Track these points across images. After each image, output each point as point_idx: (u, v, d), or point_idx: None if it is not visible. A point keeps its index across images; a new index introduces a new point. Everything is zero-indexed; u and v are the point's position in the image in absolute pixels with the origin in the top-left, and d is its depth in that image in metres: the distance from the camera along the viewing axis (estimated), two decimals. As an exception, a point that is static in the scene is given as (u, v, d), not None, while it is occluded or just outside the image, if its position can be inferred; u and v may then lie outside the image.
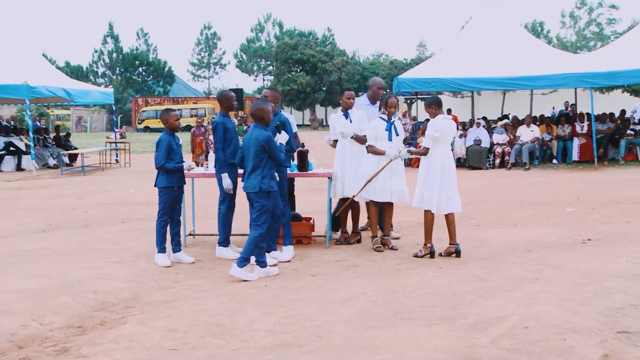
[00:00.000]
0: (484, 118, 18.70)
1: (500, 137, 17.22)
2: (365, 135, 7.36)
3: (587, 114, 17.34)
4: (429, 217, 6.82)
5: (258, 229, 6.08)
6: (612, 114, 18.02)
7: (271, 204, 6.18)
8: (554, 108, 27.97)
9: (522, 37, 18.85)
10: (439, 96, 7.25)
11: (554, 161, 17.24)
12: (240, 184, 6.99)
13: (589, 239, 7.66)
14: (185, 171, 6.86)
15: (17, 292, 5.64)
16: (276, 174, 6.37)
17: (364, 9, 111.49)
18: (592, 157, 16.33)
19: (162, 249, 6.72)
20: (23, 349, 4.36)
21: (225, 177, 6.83)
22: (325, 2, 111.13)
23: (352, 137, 7.40)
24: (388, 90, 7.74)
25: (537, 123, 18.17)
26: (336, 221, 7.79)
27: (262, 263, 6.20)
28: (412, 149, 7.23)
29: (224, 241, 7.04)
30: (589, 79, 15.68)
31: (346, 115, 7.52)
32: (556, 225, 8.63)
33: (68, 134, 21.43)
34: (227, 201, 6.97)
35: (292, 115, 7.62)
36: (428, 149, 6.75)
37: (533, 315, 4.78)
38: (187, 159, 6.94)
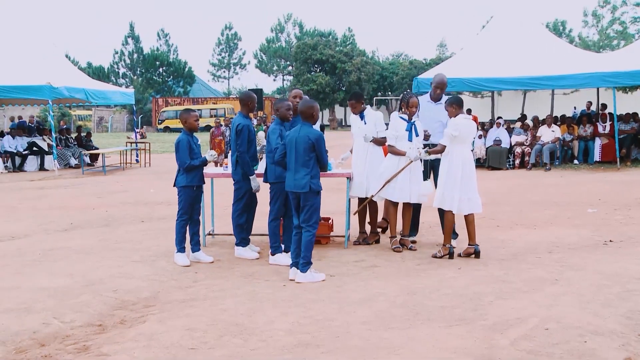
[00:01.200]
0: (500, 118, 18.54)
1: (519, 138, 17.10)
2: (383, 137, 7.35)
3: (610, 113, 17.13)
4: (449, 217, 6.78)
5: (310, 229, 6.00)
6: (635, 114, 17.78)
7: (320, 203, 6.12)
8: (575, 108, 27.66)
9: (544, 36, 18.70)
10: (460, 96, 7.20)
11: (575, 162, 17.07)
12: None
13: (611, 241, 7.58)
14: (210, 161, 6.88)
15: (39, 290, 5.71)
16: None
17: (384, 8, 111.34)
18: (615, 157, 16.13)
19: (181, 249, 6.76)
20: (44, 347, 4.41)
21: (253, 179, 6.85)
22: (346, 3, 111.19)
23: (370, 141, 7.40)
24: (408, 90, 7.67)
25: (558, 123, 18.00)
26: (413, 226, 7.71)
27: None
28: (431, 149, 7.18)
29: (241, 241, 7.06)
30: (611, 79, 15.49)
31: (361, 117, 7.52)
32: (577, 226, 8.55)
33: (89, 134, 21.61)
34: (242, 202, 6.99)
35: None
36: (445, 146, 6.72)
37: (553, 317, 4.74)
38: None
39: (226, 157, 8.40)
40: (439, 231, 7.53)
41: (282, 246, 6.78)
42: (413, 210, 7.46)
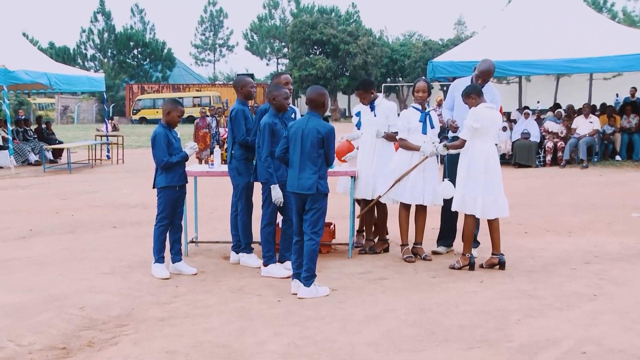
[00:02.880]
0: (526, 107, 18.53)
1: (554, 126, 17.05)
2: (395, 132, 7.34)
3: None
4: (470, 223, 6.78)
5: (314, 237, 6.00)
6: (687, 103, 17.80)
7: (326, 207, 6.11)
8: (617, 95, 27.67)
9: (581, 11, 18.66)
10: (477, 84, 7.15)
11: (617, 158, 17.08)
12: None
13: (658, 249, 7.59)
14: (190, 153, 6.85)
15: (-6, 306, 5.70)
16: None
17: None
18: (664, 153, 16.14)
19: (160, 259, 6.76)
20: (-1, 373, 4.41)
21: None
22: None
23: (382, 137, 7.40)
24: (423, 77, 7.61)
25: (597, 113, 17.99)
26: (448, 233, 7.69)
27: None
28: (449, 143, 7.16)
29: (247, 247, 7.07)
30: (661, 60, 15.43)
31: (372, 107, 7.50)
32: (619, 233, 8.55)
33: (48, 124, 21.50)
34: (244, 200, 7.00)
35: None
36: (465, 141, 6.71)
37: (592, 339, 4.74)
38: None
39: (212, 152, 8.40)
40: (458, 238, 7.54)
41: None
42: (449, 216, 7.45)
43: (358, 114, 7.69)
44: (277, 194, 6.46)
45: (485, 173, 6.65)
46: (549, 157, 16.86)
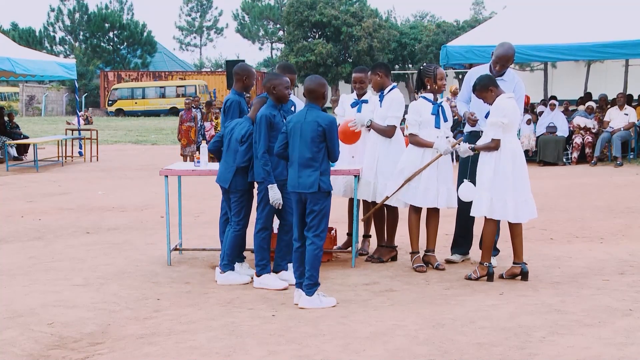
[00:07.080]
0: (553, 98, 18.49)
1: (585, 121, 17.00)
2: (388, 126, 7.34)
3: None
4: (490, 228, 6.76)
5: (316, 240, 6.07)
6: None
7: (330, 207, 6.19)
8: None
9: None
10: (489, 74, 7.08)
11: (657, 154, 17.06)
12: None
13: (701, 258, 7.60)
14: None
15: (-48, 322, 5.71)
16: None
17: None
18: None
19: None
20: (-42, 397, 4.42)
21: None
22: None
23: (367, 126, 7.40)
24: (426, 63, 7.55)
25: (634, 104, 17.94)
26: (464, 239, 7.70)
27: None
28: (477, 145, 6.98)
29: (238, 255, 7.09)
30: None
31: (380, 97, 7.51)
32: (657, 239, 8.56)
33: (11, 115, 21.40)
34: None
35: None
36: (498, 141, 6.63)
37: (627, 359, 4.74)
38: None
39: (198, 149, 8.40)
40: (475, 245, 7.55)
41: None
42: (465, 220, 7.44)
43: (358, 102, 7.65)
44: (275, 194, 6.49)
45: (513, 172, 6.63)
46: (575, 154, 16.79)
